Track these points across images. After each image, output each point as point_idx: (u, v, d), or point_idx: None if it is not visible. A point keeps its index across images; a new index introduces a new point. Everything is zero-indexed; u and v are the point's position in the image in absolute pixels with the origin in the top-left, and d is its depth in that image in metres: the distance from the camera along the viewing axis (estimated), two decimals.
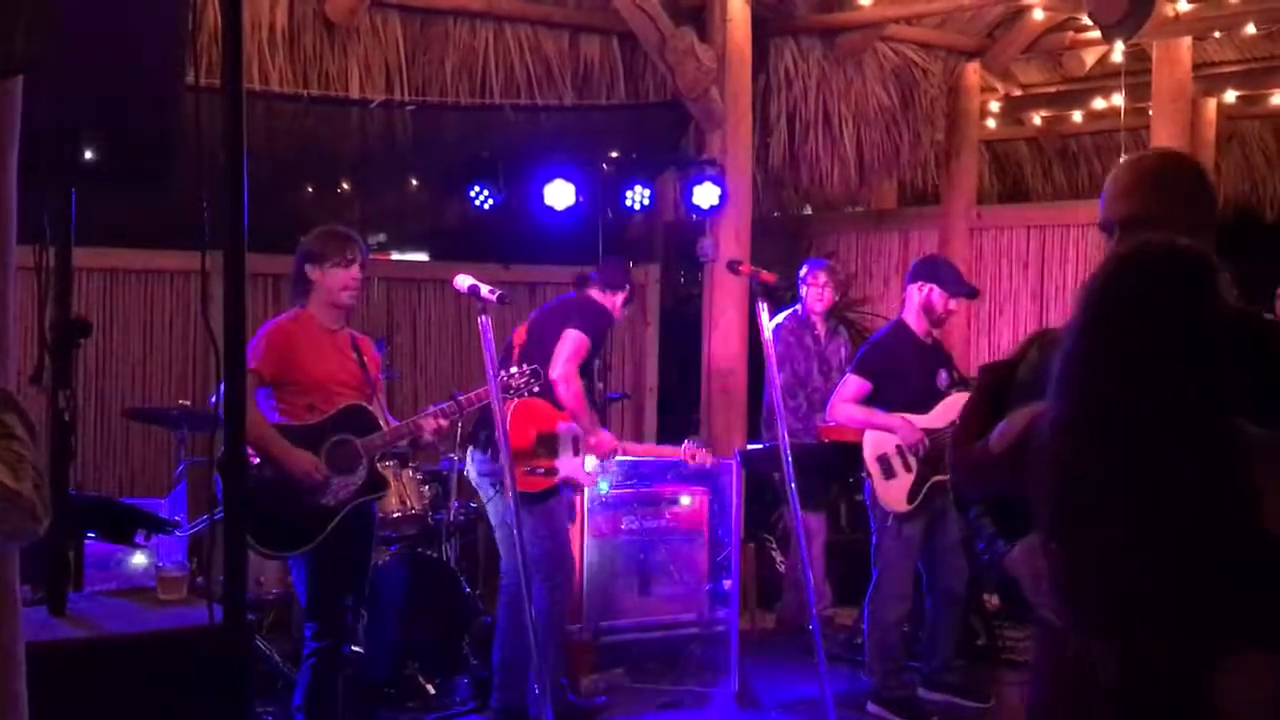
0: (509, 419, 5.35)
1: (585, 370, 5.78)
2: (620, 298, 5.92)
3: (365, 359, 4.99)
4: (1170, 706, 2.27)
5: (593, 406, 5.88)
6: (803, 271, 7.39)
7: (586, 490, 6.31)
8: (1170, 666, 2.24)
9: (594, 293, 5.89)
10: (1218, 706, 2.22)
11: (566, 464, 5.66)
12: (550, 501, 5.63)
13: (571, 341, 5.54)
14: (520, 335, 5.80)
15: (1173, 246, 2.31)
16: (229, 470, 2.54)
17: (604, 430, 5.88)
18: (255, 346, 4.72)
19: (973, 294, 6.09)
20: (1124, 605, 2.25)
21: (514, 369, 5.29)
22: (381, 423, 4.94)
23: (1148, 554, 2.22)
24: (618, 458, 6.00)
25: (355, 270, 4.86)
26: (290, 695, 5.00)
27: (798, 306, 7.38)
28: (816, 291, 7.27)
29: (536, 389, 5.31)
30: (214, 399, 3.23)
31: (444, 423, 5.08)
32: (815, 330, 7.36)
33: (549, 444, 5.57)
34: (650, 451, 6.25)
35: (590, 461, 5.83)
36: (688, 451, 6.17)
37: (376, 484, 4.97)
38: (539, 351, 5.56)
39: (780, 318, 7.23)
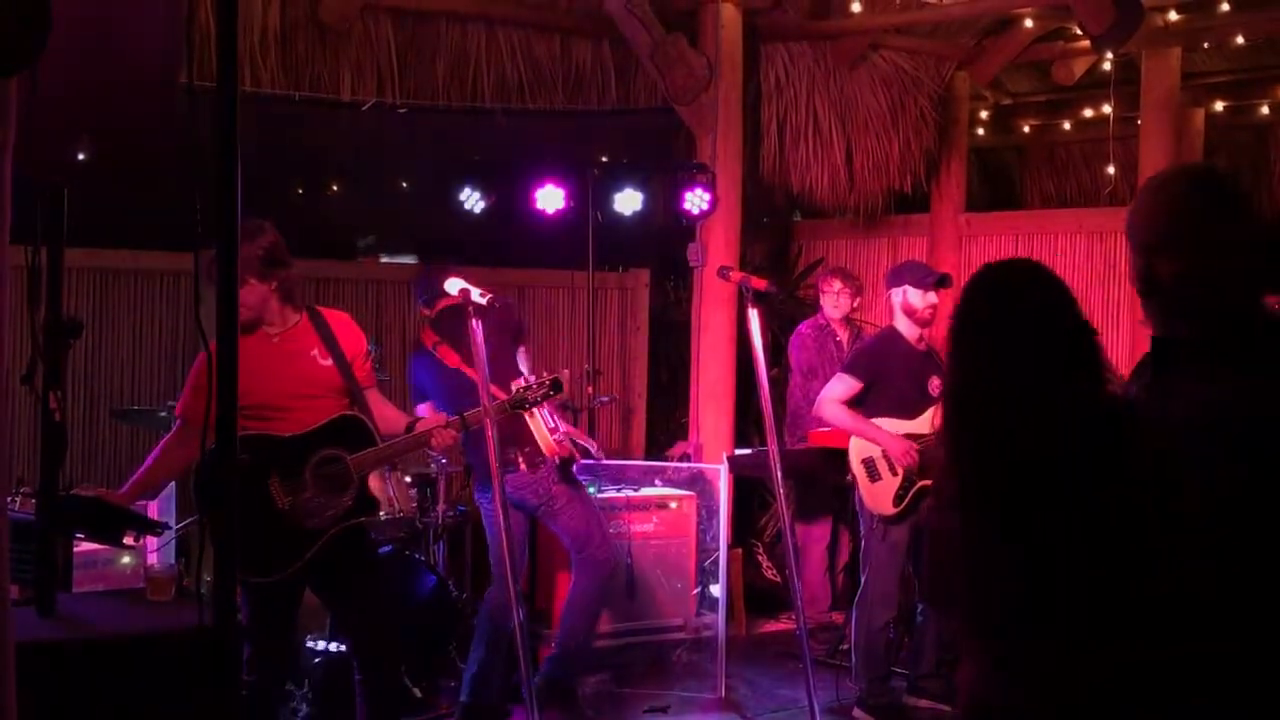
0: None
1: None
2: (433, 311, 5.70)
3: (339, 344, 4.45)
4: None
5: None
6: (819, 278, 7.54)
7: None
8: None
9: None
10: None
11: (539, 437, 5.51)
12: (580, 490, 5.72)
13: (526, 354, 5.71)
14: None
15: (1004, 267, 2.42)
16: (219, 468, 2.54)
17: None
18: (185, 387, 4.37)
19: (944, 282, 6.10)
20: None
21: (533, 380, 4.93)
22: (376, 436, 4.43)
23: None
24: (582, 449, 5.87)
25: (253, 287, 4.26)
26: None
27: (819, 314, 7.56)
28: (832, 298, 7.46)
29: (558, 399, 5.08)
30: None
31: (449, 437, 4.63)
32: (837, 336, 7.43)
33: (519, 437, 5.46)
34: (571, 433, 6.02)
35: (541, 427, 5.52)
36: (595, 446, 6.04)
37: (365, 505, 4.47)
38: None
39: (785, 324, 7.33)
